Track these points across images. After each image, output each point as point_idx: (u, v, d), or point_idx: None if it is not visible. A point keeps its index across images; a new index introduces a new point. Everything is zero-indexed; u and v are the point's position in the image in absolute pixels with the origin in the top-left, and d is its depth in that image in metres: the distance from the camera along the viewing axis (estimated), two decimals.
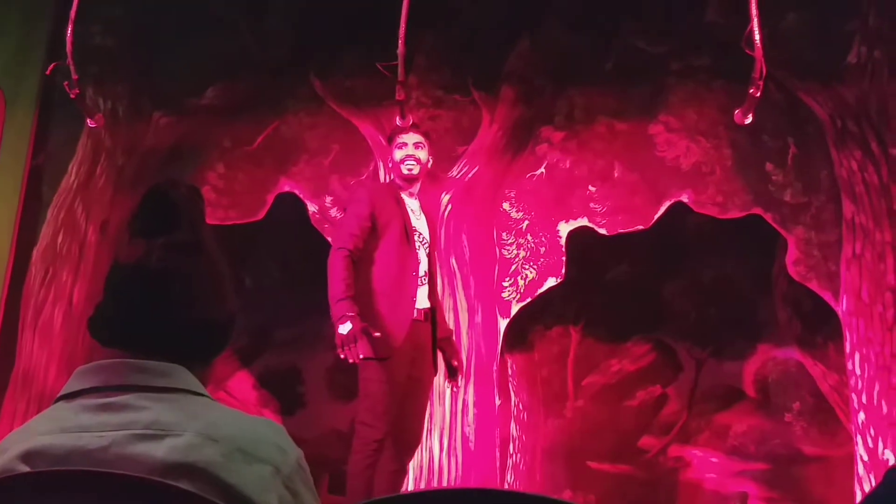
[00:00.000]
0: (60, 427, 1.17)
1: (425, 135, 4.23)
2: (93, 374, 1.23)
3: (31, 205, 5.89)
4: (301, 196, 5.80)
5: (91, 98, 5.75)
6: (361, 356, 3.75)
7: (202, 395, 1.25)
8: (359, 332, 3.72)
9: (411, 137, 4.12)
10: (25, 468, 1.14)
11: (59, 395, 1.24)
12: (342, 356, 3.73)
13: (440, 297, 4.43)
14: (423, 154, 4.10)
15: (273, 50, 6.10)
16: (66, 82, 4.88)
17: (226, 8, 6.07)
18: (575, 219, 5.47)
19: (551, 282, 5.43)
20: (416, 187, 4.17)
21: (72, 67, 4.82)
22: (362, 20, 5.70)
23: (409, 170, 4.06)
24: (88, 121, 5.25)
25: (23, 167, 5.87)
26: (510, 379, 5.71)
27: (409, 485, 4.87)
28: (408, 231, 3.99)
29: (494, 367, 5.33)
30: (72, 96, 4.92)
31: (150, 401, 1.18)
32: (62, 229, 5.89)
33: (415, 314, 3.94)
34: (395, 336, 3.86)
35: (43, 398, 5.52)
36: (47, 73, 5.16)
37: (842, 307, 5.05)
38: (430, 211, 4.35)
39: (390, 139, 4.23)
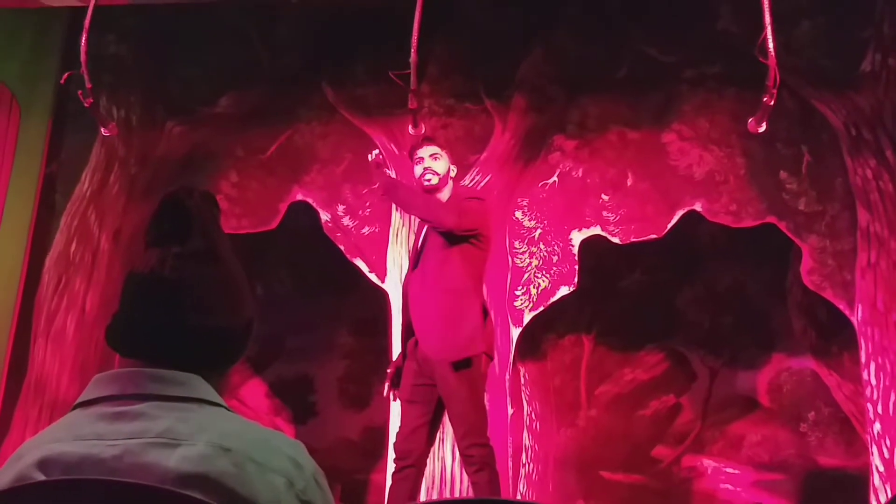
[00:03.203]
0: (75, 435, 1.17)
1: (441, 145, 4.20)
2: (110, 383, 1.22)
3: (45, 213, 5.91)
4: (314, 205, 5.81)
5: (105, 107, 5.78)
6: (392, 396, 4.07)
7: (218, 404, 1.24)
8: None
9: (426, 150, 4.08)
10: (40, 475, 1.13)
11: (76, 402, 1.23)
12: None
13: None
14: (440, 165, 4.04)
15: (285, 59, 6.12)
16: (79, 91, 4.89)
17: (238, 18, 6.09)
18: (588, 227, 5.47)
19: (564, 290, 5.42)
20: (442, 196, 4.10)
21: (86, 76, 4.83)
22: (374, 29, 5.71)
23: (428, 181, 4.03)
24: (102, 129, 5.26)
25: (37, 175, 5.89)
26: (523, 388, 5.69)
27: (422, 495, 4.85)
28: (416, 254, 4.05)
29: (507, 376, 5.31)
30: (85, 105, 4.92)
31: (165, 410, 1.18)
32: (75, 237, 5.92)
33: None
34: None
35: (55, 405, 5.53)
36: (61, 81, 5.17)
37: (857, 316, 5.03)
38: None
39: (410, 156, 4.20)
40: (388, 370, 4.08)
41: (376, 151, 4.06)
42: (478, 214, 3.93)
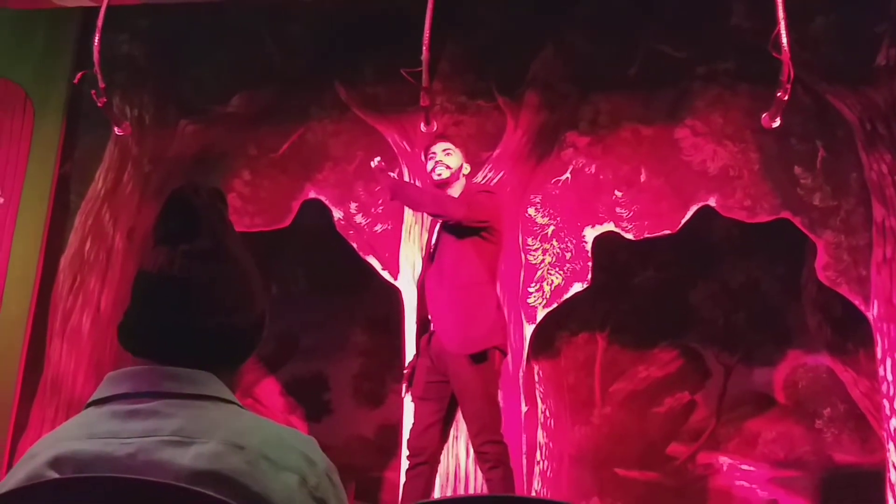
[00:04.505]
0: (89, 433, 1.17)
1: (454, 143, 4.20)
2: (123, 381, 1.23)
3: (59, 212, 5.94)
4: (326, 203, 5.82)
5: (118, 106, 5.80)
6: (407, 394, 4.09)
7: (231, 402, 1.24)
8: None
9: (439, 146, 4.10)
10: (54, 474, 1.14)
11: (89, 400, 1.24)
12: None
13: None
14: (452, 160, 4.06)
15: (297, 58, 6.12)
16: (93, 91, 4.91)
17: (250, 17, 6.10)
18: (601, 224, 5.45)
19: (577, 287, 5.41)
20: (453, 192, 4.09)
21: (99, 76, 4.85)
22: (386, 27, 5.71)
23: (439, 175, 4.04)
24: (115, 129, 5.28)
25: (51, 175, 5.92)
26: (537, 385, 5.69)
27: (436, 492, 4.85)
28: (429, 251, 4.06)
29: (521, 374, 5.31)
30: (99, 105, 4.94)
31: (178, 408, 1.18)
32: (90, 236, 5.94)
33: (430, 327, 3.96)
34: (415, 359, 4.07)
35: (71, 404, 5.55)
36: (75, 81, 5.19)
37: (872, 312, 5.00)
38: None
39: (424, 156, 4.22)
40: (405, 370, 4.10)
41: (378, 159, 4.08)
42: (488, 206, 3.94)
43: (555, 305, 5.41)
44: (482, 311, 3.82)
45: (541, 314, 5.40)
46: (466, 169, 4.13)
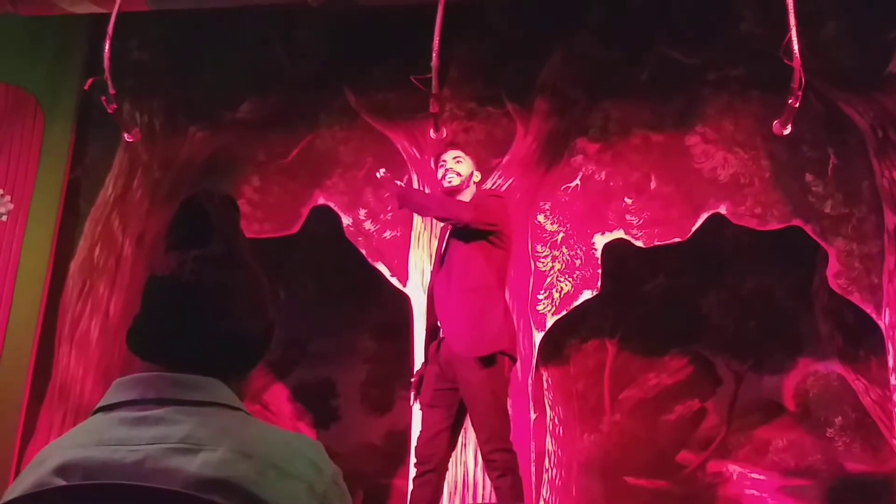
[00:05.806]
0: (97, 440, 1.17)
1: (464, 150, 4.20)
2: (130, 387, 1.22)
3: (69, 218, 5.95)
4: (335, 209, 5.81)
5: (128, 112, 5.80)
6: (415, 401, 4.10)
7: (238, 409, 1.24)
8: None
9: (450, 154, 4.11)
10: (61, 481, 1.13)
11: (97, 406, 1.23)
12: None
13: None
14: (463, 167, 4.06)
15: (307, 64, 6.13)
16: (103, 97, 4.93)
17: (260, 23, 6.11)
18: (611, 231, 5.44)
19: (587, 294, 5.39)
20: (462, 198, 4.06)
21: (109, 82, 4.86)
22: (396, 33, 5.71)
23: (449, 182, 4.04)
24: (125, 135, 5.29)
25: (61, 181, 5.93)
26: (546, 393, 5.67)
27: (444, 500, 4.83)
28: (439, 257, 4.06)
29: (530, 381, 5.29)
30: (109, 111, 4.96)
31: (185, 415, 1.18)
32: (99, 242, 5.95)
33: (440, 333, 3.95)
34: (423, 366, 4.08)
35: (79, 410, 5.56)
36: (85, 88, 5.21)
37: (884, 320, 4.97)
38: None
39: (435, 163, 4.22)
40: (414, 378, 4.09)
41: (383, 170, 4.08)
42: (496, 210, 3.94)
43: (564, 313, 5.40)
44: (490, 314, 3.82)
45: (550, 321, 5.38)
46: (477, 176, 4.13)
